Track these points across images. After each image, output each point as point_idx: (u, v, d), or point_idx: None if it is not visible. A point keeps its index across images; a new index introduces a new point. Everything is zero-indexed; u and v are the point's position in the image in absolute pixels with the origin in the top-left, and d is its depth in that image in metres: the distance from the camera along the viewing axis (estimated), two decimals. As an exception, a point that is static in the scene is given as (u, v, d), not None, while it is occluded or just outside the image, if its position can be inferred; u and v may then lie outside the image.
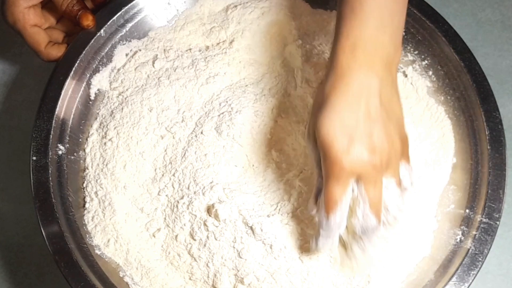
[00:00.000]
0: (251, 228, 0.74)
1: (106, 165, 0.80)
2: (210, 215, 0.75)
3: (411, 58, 0.86)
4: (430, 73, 0.85)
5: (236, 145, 0.79)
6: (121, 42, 0.87)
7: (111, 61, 0.86)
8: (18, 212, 0.90)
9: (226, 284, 0.75)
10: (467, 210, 0.79)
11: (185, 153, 0.80)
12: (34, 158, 0.78)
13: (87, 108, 0.84)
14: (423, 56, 0.85)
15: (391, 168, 0.65)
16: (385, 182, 0.65)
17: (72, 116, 0.82)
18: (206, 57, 0.86)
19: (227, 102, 0.82)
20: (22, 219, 0.90)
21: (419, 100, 0.84)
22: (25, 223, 0.90)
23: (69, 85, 0.81)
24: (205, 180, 0.77)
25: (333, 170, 0.63)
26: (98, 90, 0.85)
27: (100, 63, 0.85)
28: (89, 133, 0.83)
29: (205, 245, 0.76)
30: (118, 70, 0.86)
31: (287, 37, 0.87)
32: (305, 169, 0.77)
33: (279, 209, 0.75)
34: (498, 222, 0.76)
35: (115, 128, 0.82)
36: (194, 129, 0.81)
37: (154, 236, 0.78)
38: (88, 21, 0.82)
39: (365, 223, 0.65)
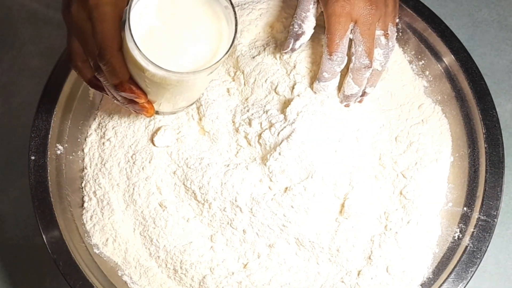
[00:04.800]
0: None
1: (104, 164, 0.81)
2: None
3: (408, 58, 0.86)
4: (427, 73, 0.85)
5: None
6: (119, 43, 0.87)
7: (109, 62, 0.86)
8: (17, 213, 0.90)
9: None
10: (465, 208, 0.79)
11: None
12: (33, 157, 0.78)
13: (86, 108, 0.84)
14: (419, 56, 0.86)
15: (381, 21, 0.76)
16: (376, 34, 0.76)
17: (70, 116, 0.82)
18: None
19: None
20: (21, 220, 0.90)
21: (416, 99, 0.84)
22: (24, 224, 0.90)
23: (68, 86, 0.81)
24: (204, 179, 0.77)
25: (335, 11, 0.74)
26: (96, 90, 0.85)
27: (99, 63, 0.85)
28: (87, 133, 0.84)
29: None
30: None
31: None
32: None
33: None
34: (496, 220, 0.77)
35: (113, 128, 0.82)
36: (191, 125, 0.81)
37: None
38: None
39: (359, 62, 0.75)
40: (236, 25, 0.63)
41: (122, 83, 0.65)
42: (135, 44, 0.60)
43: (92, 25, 0.62)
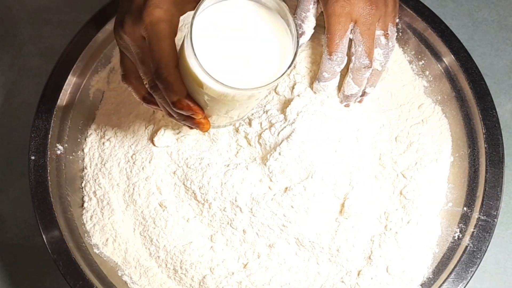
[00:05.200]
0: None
1: (104, 164, 0.81)
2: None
3: (408, 58, 0.86)
4: (427, 73, 0.85)
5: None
6: (119, 43, 0.87)
7: (109, 62, 0.86)
8: (17, 213, 0.90)
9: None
10: (465, 208, 0.79)
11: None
12: (33, 157, 0.78)
13: (86, 109, 0.84)
14: (419, 56, 0.86)
15: (382, 21, 0.76)
16: (376, 34, 0.76)
17: (70, 116, 0.82)
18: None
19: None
20: (21, 220, 0.90)
21: (416, 99, 0.84)
22: (24, 224, 0.90)
23: (68, 86, 0.81)
24: (204, 179, 0.77)
25: (335, 11, 0.74)
26: (97, 90, 0.85)
27: (99, 63, 0.85)
28: (87, 133, 0.84)
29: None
30: (117, 70, 0.86)
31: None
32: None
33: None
34: (496, 220, 0.77)
35: (113, 128, 0.82)
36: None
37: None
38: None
39: (359, 62, 0.76)
40: (298, 39, 0.62)
41: (180, 100, 0.64)
42: (199, 61, 0.58)
43: (148, 44, 0.61)
